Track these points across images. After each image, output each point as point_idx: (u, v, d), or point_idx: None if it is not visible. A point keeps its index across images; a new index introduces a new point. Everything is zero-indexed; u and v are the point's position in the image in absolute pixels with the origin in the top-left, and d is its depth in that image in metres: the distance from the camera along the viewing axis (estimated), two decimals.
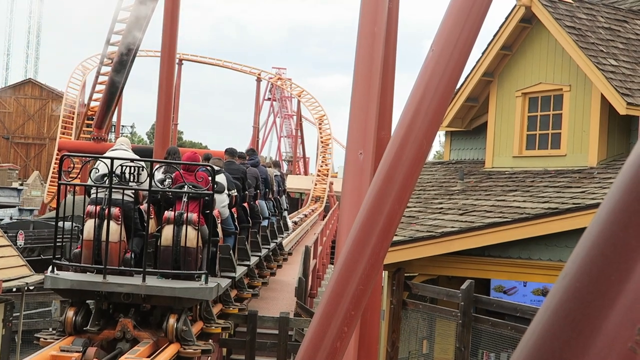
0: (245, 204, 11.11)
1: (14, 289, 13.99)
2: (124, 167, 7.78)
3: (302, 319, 13.86)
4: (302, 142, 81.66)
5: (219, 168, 9.15)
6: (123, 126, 68.44)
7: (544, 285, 11.23)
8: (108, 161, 7.69)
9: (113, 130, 61.12)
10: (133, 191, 7.90)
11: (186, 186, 7.91)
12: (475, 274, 11.01)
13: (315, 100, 62.90)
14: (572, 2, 13.34)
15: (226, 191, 9.41)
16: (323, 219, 38.44)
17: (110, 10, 36.08)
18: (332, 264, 32.94)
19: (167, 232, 7.80)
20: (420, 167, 2.92)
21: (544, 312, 0.97)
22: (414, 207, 12.89)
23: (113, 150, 8.69)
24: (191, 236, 7.77)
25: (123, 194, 7.81)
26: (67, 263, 7.97)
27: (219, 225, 8.92)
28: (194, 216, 7.80)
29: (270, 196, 14.38)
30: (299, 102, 70.32)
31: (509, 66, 13.75)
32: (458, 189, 13.24)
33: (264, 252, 12.87)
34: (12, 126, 63.30)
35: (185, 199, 7.86)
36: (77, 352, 7.24)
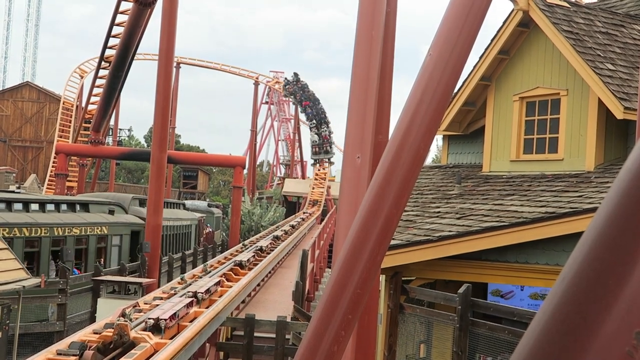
0: None
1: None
2: None
3: (300, 323, 13.86)
4: (300, 146, 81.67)
5: None
6: (120, 129, 68.36)
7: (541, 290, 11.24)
8: None
9: (110, 133, 61.06)
10: None
11: None
12: (472, 278, 11.01)
13: None
14: (569, 6, 13.36)
15: None
16: (320, 223, 38.49)
17: (108, 13, 36.08)
18: (330, 267, 33.46)
19: None
20: (417, 171, 2.92)
21: (542, 315, 0.97)
22: (412, 211, 12.89)
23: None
24: None
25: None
26: None
27: None
28: None
29: None
30: (296, 105, 70.31)
31: (506, 70, 13.76)
32: (455, 193, 13.24)
33: None
34: (9, 129, 63.25)
35: None
36: (73, 355, 7.23)
